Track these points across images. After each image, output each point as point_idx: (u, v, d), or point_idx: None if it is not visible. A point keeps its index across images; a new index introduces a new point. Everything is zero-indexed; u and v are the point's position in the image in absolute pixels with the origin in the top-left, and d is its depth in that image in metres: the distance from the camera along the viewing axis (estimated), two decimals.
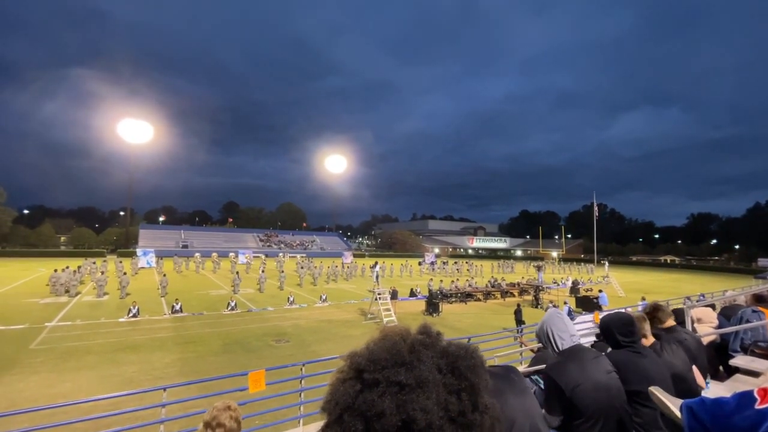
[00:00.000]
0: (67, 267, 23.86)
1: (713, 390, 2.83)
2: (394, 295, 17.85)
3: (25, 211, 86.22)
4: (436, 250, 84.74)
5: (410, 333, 0.66)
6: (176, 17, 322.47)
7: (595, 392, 1.87)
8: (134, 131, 62.50)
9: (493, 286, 25.37)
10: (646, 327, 2.64)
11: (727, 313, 4.31)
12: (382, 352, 0.61)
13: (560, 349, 2.01)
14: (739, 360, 3.34)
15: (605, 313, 3.38)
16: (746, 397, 1.01)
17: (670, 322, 2.97)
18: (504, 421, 0.69)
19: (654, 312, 3.01)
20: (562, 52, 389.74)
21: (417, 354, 0.60)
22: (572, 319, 9.55)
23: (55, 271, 21.92)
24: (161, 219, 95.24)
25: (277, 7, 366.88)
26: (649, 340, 2.61)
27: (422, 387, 0.55)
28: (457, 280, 27.71)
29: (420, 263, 47.52)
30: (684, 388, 2.39)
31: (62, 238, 74.41)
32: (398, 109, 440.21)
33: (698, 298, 15.50)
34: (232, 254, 45.35)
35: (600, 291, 20.32)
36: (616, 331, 2.27)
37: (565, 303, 17.37)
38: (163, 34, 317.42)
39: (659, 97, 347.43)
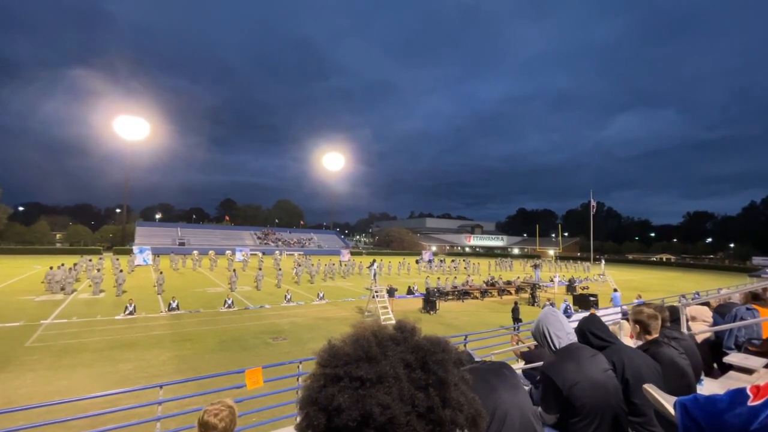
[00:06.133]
0: (63, 264, 23.71)
1: (707, 387, 2.85)
2: (391, 293, 17.87)
3: (21, 208, 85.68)
4: (434, 248, 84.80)
5: (384, 329, 0.67)
6: (180, 18, 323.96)
7: (592, 390, 1.87)
8: (131, 128, 62.06)
9: (490, 284, 25.45)
10: (658, 324, 2.68)
11: (722, 311, 4.34)
12: (346, 347, 0.62)
13: (557, 347, 2.02)
14: (733, 357, 3.36)
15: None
16: (739, 395, 1.01)
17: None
18: (488, 416, 0.69)
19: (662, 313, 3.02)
20: (560, 55, 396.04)
21: (384, 349, 0.61)
22: (569, 317, 9.58)
23: (51, 268, 21.79)
24: (158, 216, 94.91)
25: (282, 10, 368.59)
26: (652, 336, 2.65)
27: (382, 382, 0.55)
28: (455, 278, 27.76)
29: (417, 261, 47.58)
30: (685, 383, 2.44)
31: (58, 236, 74.11)
32: (399, 109, 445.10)
33: (693, 296, 15.60)
34: (229, 252, 45.25)
35: (615, 290, 19.91)
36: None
37: (564, 301, 17.41)
38: (166, 35, 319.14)
39: (654, 98, 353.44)
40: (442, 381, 0.58)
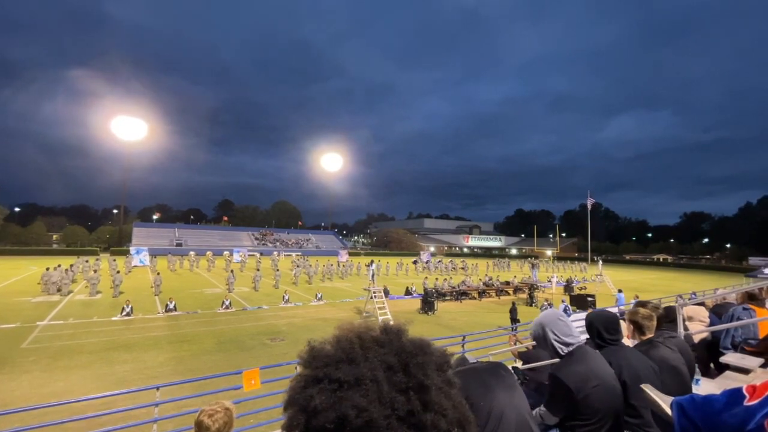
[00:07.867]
0: (59, 265, 23.61)
1: (704, 387, 2.86)
2: (385, 294, 17.87)
3: (17, 209, 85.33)
4: (432, 249, 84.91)
5: (369, 330, 0.65)
6: (180, 19, 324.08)
7: (604, 393, 1.86)
8: (129, 129, 61.83)
9: (487, 285, 25.48)
10: (652, 324, 2.70)
11: (719, 311, 4.36)
12: (328, 348, 0.62)
13: (564, 351, 1.99)
14: (729, 357, 3.37)
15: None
16: (735, 395, 1.02)
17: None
18: (476, 421, 0.67)
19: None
20: (558, 57, 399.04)
21: (366, 351, 0.59)
22: (568, 316, 9.58)
23: (47, 269, 21.67)
24: (155, 217, 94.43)
25: (282, 12, 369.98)
26: (647, 336, 2.67)
27: (360, 384, 0.54)
28: (451, 278, 27.78)
29: (415, 261, 47.55)
30: (681, 381, 2.45)
31: (54, 237, 73.67)
32: (398, 110, 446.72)
33: (690, 297, 15.68)
34: (226, 253, 45.13)
35: (619, 290, 19.90)
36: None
37: (563, 301, 17.45)
38: (166, 36, 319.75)
39: (650, 100, 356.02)
40: (422, 385, 0.56)
